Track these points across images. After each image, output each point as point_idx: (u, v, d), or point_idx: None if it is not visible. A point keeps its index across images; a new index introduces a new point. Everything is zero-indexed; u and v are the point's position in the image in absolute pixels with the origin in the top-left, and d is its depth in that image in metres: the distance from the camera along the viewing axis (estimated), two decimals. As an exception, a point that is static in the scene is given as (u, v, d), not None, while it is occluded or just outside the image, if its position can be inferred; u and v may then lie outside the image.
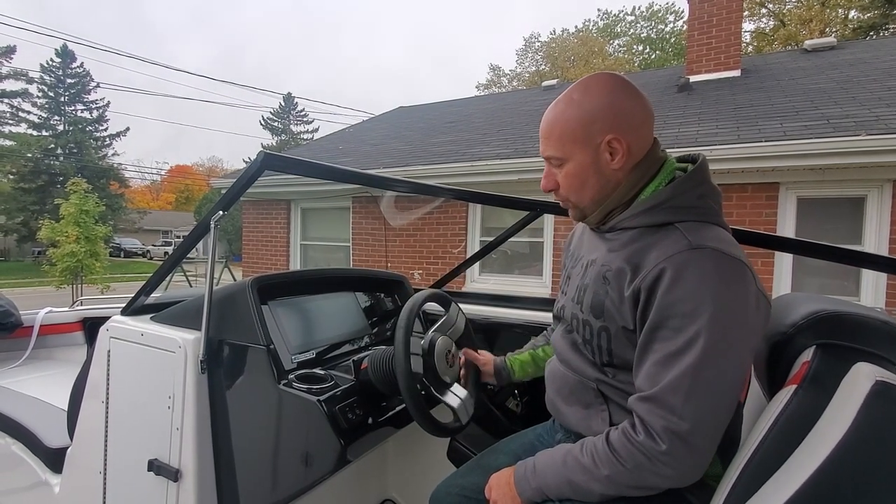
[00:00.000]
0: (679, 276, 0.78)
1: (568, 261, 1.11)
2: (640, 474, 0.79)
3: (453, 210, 6.32)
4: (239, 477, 1.21)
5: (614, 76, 0.94)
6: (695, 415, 0.75)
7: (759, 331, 0.82)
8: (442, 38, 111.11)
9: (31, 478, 1.59)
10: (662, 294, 0.79)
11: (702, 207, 0.87)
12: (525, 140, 6.42)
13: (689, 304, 0.77)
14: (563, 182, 0.96)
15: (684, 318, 0.77)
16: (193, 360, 1.20)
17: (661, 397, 0.77)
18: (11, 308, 2.35)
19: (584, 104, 0.91)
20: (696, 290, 0.77)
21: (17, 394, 1.95)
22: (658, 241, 0.85)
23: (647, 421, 0.79)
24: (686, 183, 0.89)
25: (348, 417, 1.12)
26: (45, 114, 26.89)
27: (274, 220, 7.97)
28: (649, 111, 0.93)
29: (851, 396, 0.63)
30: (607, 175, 0.92)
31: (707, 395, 0.75)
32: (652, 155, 0.93)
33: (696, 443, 0.76)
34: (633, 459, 0.79)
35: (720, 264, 0.78)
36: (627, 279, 0.85)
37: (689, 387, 0.75)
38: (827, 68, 6.54)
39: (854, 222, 4.55)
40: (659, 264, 0.80)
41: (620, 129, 0.89)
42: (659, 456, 0.77)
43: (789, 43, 18.90)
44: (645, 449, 0.78)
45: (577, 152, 0.92)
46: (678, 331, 0.77)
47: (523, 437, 1.19)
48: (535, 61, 29.85)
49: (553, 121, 0.94)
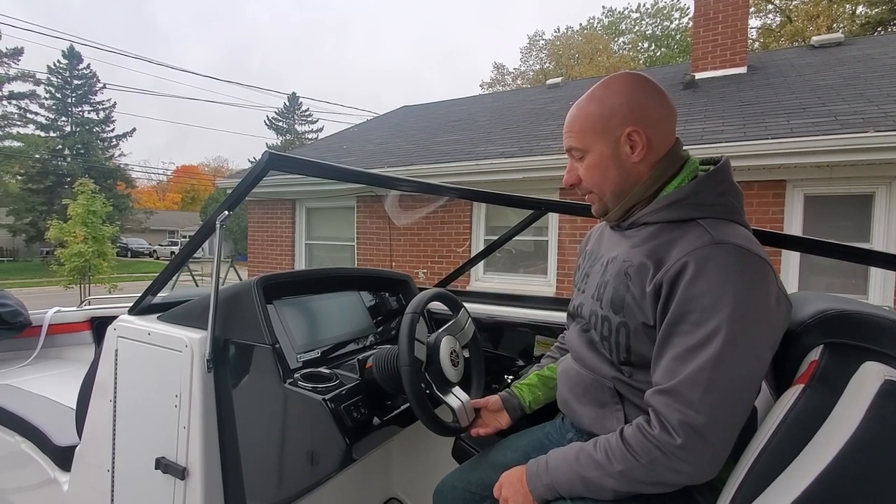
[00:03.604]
0: (701, 270, 0.78)
1: (585, 260, 1.11)
2: (654, 469, 0.78)
3: (458, 209, 6.32)
4: (245, 475, 1.21)
5: (637, 74, 0.96)
6: (712, 409, 0.74)
7: (779, 329, 0.82)
8: (446, 37, 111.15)
9: (41, 476, 1.60)
10: (684, 288, 0.79)
11: (724, 205, 0.88)
12: (529, 138, 6.41)
13: (710, 298, 0.76)
14: (585, 175, 0.97)
15: (704, 311, 0.76)
16: (200, 360, 1.21)
17: (679, 390, 0.76)
18: (20, 308, 2.37)
19: (605, 99, 0.93)
20: (717, 284, 0.77)
21: (26, 392, 1.97)
22: (680, 236, 0.85)
23: (663, 414, 0.78)
24: (708, 180, 0.89)
25: (353, 416, 1.13)
26: (53, 115, 27.12)
27: (279, 220, 8.00)
28: (671, 109, 0.95)
29: (860, 396, 0.62)
30: (627, 168, 0.93)
31: (725, 390, 0.75)
32: (674, 153, 0.94)
33: (712, 438, 0.74)
34: (647, 454, 0.78)
35: (742, 260, 0.78)
36: (650, 274, 0.85)
37: (708, 381, 0.74)
38: (834, 64, 6.48)
39: (862, 220, 4.51)
40: (682, 258, 0.80)
41: (640, 123, 0.90)
42: (674, 450, 0.75)
43: (796, 39, 18.74)
44: (660, 443, 0.77)
45: (596, 144, 0.94)
46: (698, 325, 0.77)
47: (532, 434, 1.19)
48: (540, 59, 29.79)
49: (575, 116, 0.98)
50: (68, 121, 27.51)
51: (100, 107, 28.50)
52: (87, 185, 11.95)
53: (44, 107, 26.77)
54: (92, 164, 26.10)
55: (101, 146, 28.21)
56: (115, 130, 29.15)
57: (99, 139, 28.27)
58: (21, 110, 25.87)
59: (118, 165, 29.14)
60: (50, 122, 26.95)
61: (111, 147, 29.16)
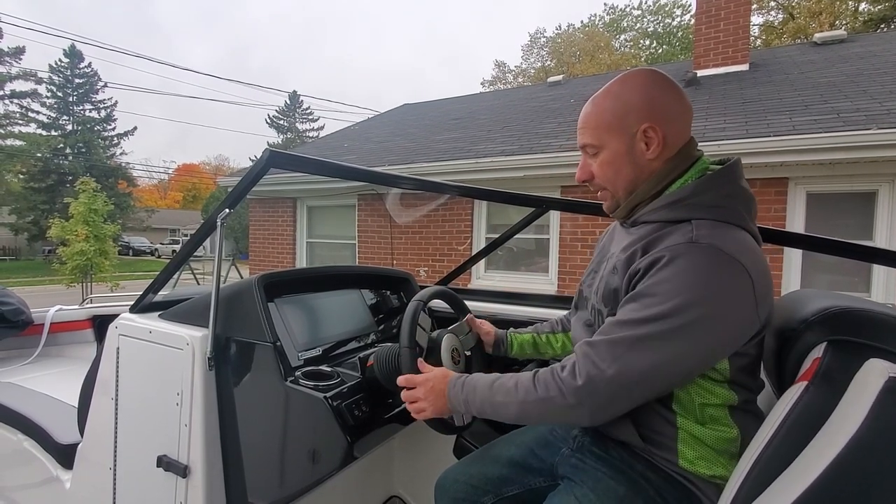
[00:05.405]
0: (670, 262, 0.80)
1: (596, 256, 1.12)
2: (549, 403, 0.84)
3: (459, 207, 6.31)
4: (247, 473, 1.21)
5: (653, 71, 0.95)
6: (621, 371, 0.79)
7: (734, 337, 0.81)
8: (447, 35, 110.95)
9: (43, 474, 1.61)
10: (650, 275, 0.82)
11: (725, 208, 0.86)
12: (530, 136, 6.40)
13: (666, 286, 0.79)
14: (598, 171, 0.97)
15: (656, 296, 0.79)
16: (201, 357, 1.21)
17: (599, 346, 0.82)
18: (22, 306, 2.38)
19: (622, 95, 0.93)
20: (678, 277, 0.79)
21: (28, 391, 1.97)
22: (668, 234, 0.86)
23: (578, 361, 0.83)
24: (712, 181, 0.89)
25: (355, 414, 1.13)
26: (54, 114, 27.13)
27: (280, 219, 8.01)
28: (687, 107, 0.94)
29: (863, 393, 0.62)
30: (641, 165, 0.93)
31: (642, 362, 0.78)
32: (686, 151, 0.93)
33: (605, 392, 0.80)
34: (547, 389, 0.85)
35: (713, 261, 0.79)
36: (632, 266, 0.87)
37: (630, 346, 0.79)
38: (837, 61, 6.46)
39: (865, 217, 4.49)
40: (659, 251, 0.82)
41: (656, 119, 0.90)
42: (571, 390, 0.82)
43: (798, 36, 18.67)
44: (563, 383, 0.83)
45: (612, 140, 0.93)
46: (646, 306, 0.80)
47: (536, 430, 1.19)
48: (541, 57, 29.72)
49: (590, 112, 0.96)
50: (70, 119, 27.51)
51: (101, 105, 28.51)
52: (88, 183, 11.98)
53: (45, 105, 26.79)
54: (93, 162, 26.13)
55: (102, 145, 28.21)
56: (116, 129, 29.17)
57: (100, 138, 28.27)
58: (23, 109, 25.88)
59: (120, 164, 29.15)
60: (51, 121, 26.96)
61: (112, 146, 29.16)
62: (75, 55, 27.31)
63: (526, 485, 1.10)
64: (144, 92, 38.81)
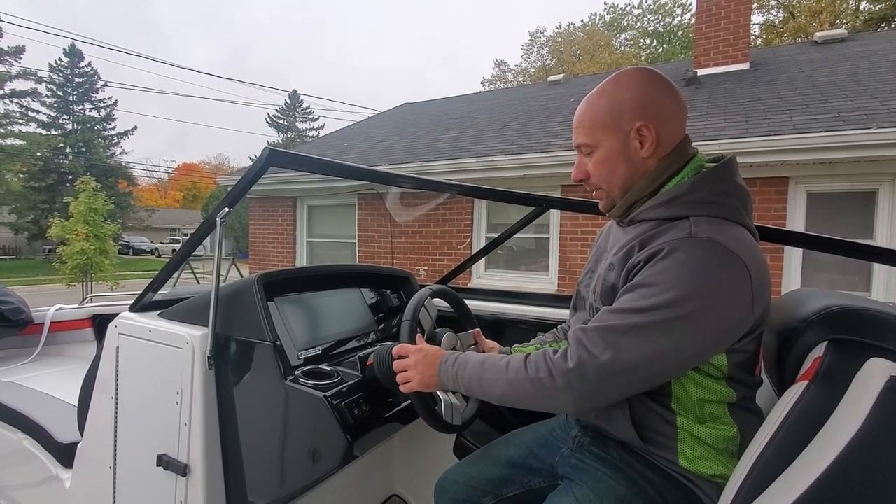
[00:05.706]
0: (668, 255, 0.80)
1: (593, 256, 1.12)
2: (537, 384, 0.83)
3: (459, 206, 6.31)
4: (247, 472, 1.21)
5: (647, 69, 0.95)
6: (614, 357, 0.78)
7: (730, 330, 0.81)
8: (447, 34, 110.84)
9: (43, 472, 1.61)
10: (647, 268, 0.82)
11: (722, 204, 0.87)
12: (530, 135, 6.39)
13: (663, 277, 0.79)
14: (593, 170, 0.97)
15: (652, 287, 0.79)
16: (201, 356, 1.21)
17: (593, 333, 0.82)
18: (22, 305, 2.38)
19: (615, 94, 0.93)
20: (676, 268, 0.79)
21: (28, 390, 1.97)
22: (666, 230, 0.86)
23: (571, 346, 0.83)
24: (707, 178, 0.89)
25: (354, 413, 1.13)
26: (54, 113, 27.12)
27: (280, 218, 8.00)
28: (682, 104, 0.94)
29: (865, 392, 0.62)
30: (636, 163, 0.93)
31: (636, 350, 0.78)
32: (681, 149, 0.93)
33: (593, 379, 0.79)
34: (537, 370, 0.84)
35: (711, 254, 0.79)
36: (631, 259, 0.87)
37: (624, 333, 0.79)
38: (837, 60, 6.45)
39: (865, 216, 4.49)
40: (658, 244, 0.83)
41: (650, 117, 0.90)
42: (561, 372, 0.81)
43: (799, 35, 18.66)
44: (553, 364, 0.83)
45: (606, 139, 0.93)
46: (642, 296, 0.80)
47: (535, 431, 1.18)
48: (541, 56, 29.70)
49: (584, 111, 0.97)
50: (70, 119, 27.51)
51: (101, 105, 28.51)
52: (88, 182, 11.96)
53: (45, 105, 26.79)
54: (93, 161, 26.14)
55: (102, 144, 28.22)
56: (116, 128, 29.19)
57: (100, 137, 28.28)
58: (23, 108, 25.87)
59: (120, 163, 29.14)
60: (51, 120, 26.95)
61: (112, 145, 29.17)
62: (75, 54, 27.29)
63: (526, 485, 1.09)
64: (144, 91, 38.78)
